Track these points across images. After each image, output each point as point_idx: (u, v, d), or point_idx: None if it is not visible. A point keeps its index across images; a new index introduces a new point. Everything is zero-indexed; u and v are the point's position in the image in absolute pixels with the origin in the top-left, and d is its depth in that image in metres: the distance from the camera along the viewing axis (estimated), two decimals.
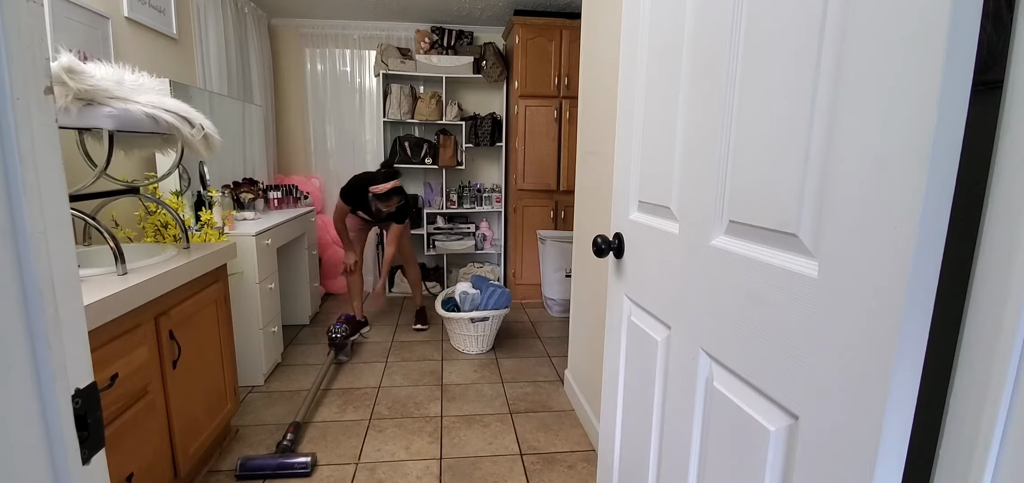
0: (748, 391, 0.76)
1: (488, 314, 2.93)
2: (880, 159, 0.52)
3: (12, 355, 0.40)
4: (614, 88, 1.77)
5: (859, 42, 0.55)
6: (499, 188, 4.34)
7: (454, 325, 2.97)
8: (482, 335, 2.99)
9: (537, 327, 3.48)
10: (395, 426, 2.19)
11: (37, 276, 0.41)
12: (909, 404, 0.52)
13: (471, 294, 3.04)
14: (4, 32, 0.39)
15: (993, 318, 0.48)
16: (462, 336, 2.99)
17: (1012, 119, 0.47)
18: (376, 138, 4.17)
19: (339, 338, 2.77)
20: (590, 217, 2.16)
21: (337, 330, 2.78)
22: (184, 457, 1.64)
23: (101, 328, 1.21)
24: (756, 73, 0.72)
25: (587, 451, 2.03)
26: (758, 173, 0.72)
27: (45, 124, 0.43)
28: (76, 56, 1.52)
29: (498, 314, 2.97)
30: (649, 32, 1.05)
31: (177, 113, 1.61)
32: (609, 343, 1.27)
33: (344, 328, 2.82)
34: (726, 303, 0.79)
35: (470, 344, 3.00)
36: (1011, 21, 0.48)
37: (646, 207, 1.07)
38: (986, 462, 0.49)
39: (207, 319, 1.82)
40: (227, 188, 2.88)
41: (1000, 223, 0.48)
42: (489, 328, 2.98)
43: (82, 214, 1.43)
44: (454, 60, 3.93)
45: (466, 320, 2.90)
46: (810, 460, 0.64)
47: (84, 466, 0.47)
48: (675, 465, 0.97)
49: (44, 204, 0.42)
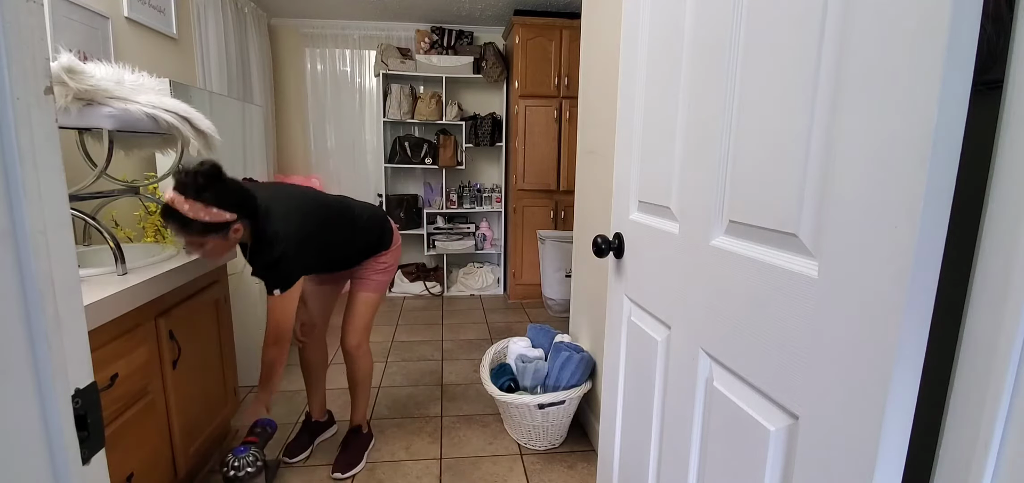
0: (748, 391, 0.76)
1: (563, 395, 1.93)
2: (880, 159, 0.52)
3: (12, 355, 0.40)
4: (614, 88, 1.77)
5: (859, 42, 0.55)
6: (499, 188, 4.34)
7: (513, 410, 1.98)
8: (552, 425, 1.99)
9: None
10: (395, 426, 2.19)
11: (37, 276, 0.41)
12: (909, 404, 0.52)
13: (532, 360, 2.09)
14: (4, 32, 0.39)
15: (993, 318, 0.48)
16: (524, 426, 2.00)
17: (1012, 119, 0.47)
18: (376, 138, 4.17)
19: (243, 476, 1.51)
20: (590, 217, 2.16)
21: (239, 458, 1.52)
22: (184, 457, 1.64)
23: (101, 328, 1.21)
24: (756, 73, 0.72)
25: (587, 451, 2.03)
26: (758, 173, 0.72)
27: (45, 124, 0.43)
28: (76, 56, 1.52)
29: (577, 393, 1.96)
30: (649, 32, 1.05)
31: (177, 113, 1.61)
32: (609, 343, 1.27)
33: (251, 453, 1.53)
34: (726, 303, 0.79)
35: (536, 437, 2.01)
36: (1011, 21, 0.48)
37: (646, 207, 1.07)
38: (986, 462, 0.49)
39: (207, 319, 1.82)
40: None
41: (1000, 223, 0.48)
42: (563, 414, 1.99)
43: (82, 214, 1.43)
44: (454, 60, 3.93)
45: (533, 407, 1.92)
46: (810, 460, 0.64)
47: (84, 466, 0.47)
48: (675, 465, 0.97)
49: (44, 204, 0.42)
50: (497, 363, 2.28)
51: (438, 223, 4.24)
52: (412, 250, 4.44)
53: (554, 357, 2.05)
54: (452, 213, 4.28)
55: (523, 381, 2.09)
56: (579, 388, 1.98)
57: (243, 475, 1.63)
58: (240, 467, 1.63)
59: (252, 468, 1.65)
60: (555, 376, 2.01)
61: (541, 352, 2.20)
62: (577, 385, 1.98)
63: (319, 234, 1.58)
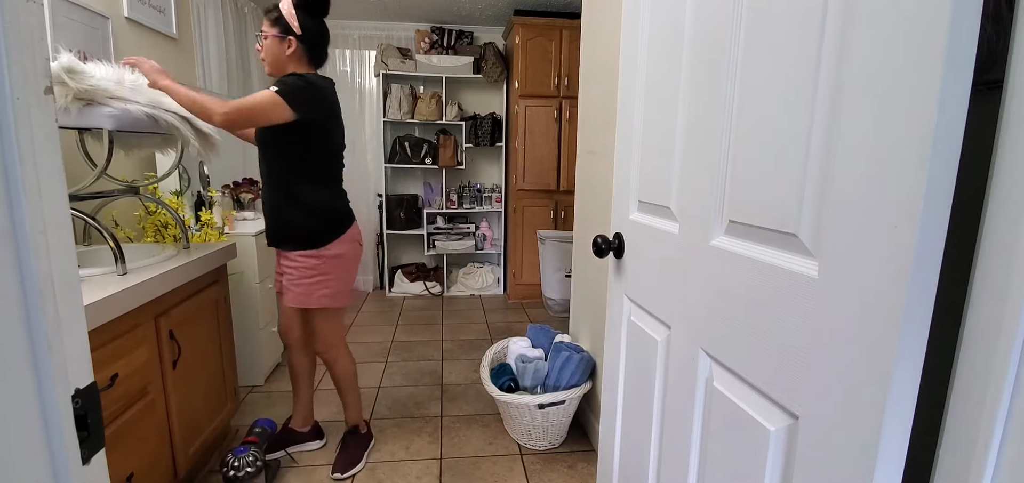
0: (748, 391, 0.76)
1: (563, 395, 1.94)
2: (880, 159, 0.52)
3: (12, 355, 0.40)
4: (614, 88, 1.77)
5: (859, 42, 0.55)
6: (499, 188, 4.34)
7: (513, 410, 2.00)
8: (552, 425, 2.00)
9: None
10: (395, 426, 2.19)
11: (37, 276, 0.41)
12: (909, 404, 0.52)
13: (532, 360, 2.10)
14: (4, 32, 0.39)
15: (993, 318, 0.48)
16: (524, 426, 2.02)
17: (1012, 119, 0.47)
18: (376, 138, 4.17)
19: (243, 476, 1.63)
20: (590, 217, 2.16)
21: (239, 458, 1.65)
22: (184, 457, 1.64)
23: (101, 328, 1.21)
24: (756, 73, 0.72)
25: (587, 451, 2.03)
26: (758, 173, 0.72)
27: (45, 124, 0.43)
28: (76, 56, 1.52)
29: (576, 393, 1.97)
30: (649, 32, 1.05)
31: (177, 113, 1.61)
32: (609, 343, 1.27)
33: (251, 453, 1.66)
34: (726, 303, 0.79)
35: (536, 437, 2.02)
36: (1011, 21, 0.48)
37: (646, 207, 1.07)
38: (986, 462, 0.49)
39: (207, 319, 1.81)
40: (227, 188, 2.88)
41: (1000, 223, 0.48)
42: (563, 414, 2.00)
43: (82, 214, 1.43)
44: (454, 60, 3.93)
45: (532, 406, 1.93)
46: (810, 460, 0.64)
47: (84, 466, 0.47)
48: (675, 465, 0.97)
49: (44, 204, 0.42)
50: (497, 363, 2.28)
51: (438, 223, 4.24)
52: (412, 250, 4.44)
53: (554, 357, 2.05)
54: (452, 213, 4.28)
55: (523, 381, 2.09)
56: (579, 388, 1.98)
57: (243, 475, 1.64)
58: (240, 467, 1.64)
59: (252, 468, 1.66)
60: (555, 376, 2.01)
61: (541, 352, 2.20)
62: (577, 385, 1.98)
63: (328, 120, 1.66)
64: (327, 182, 1.70)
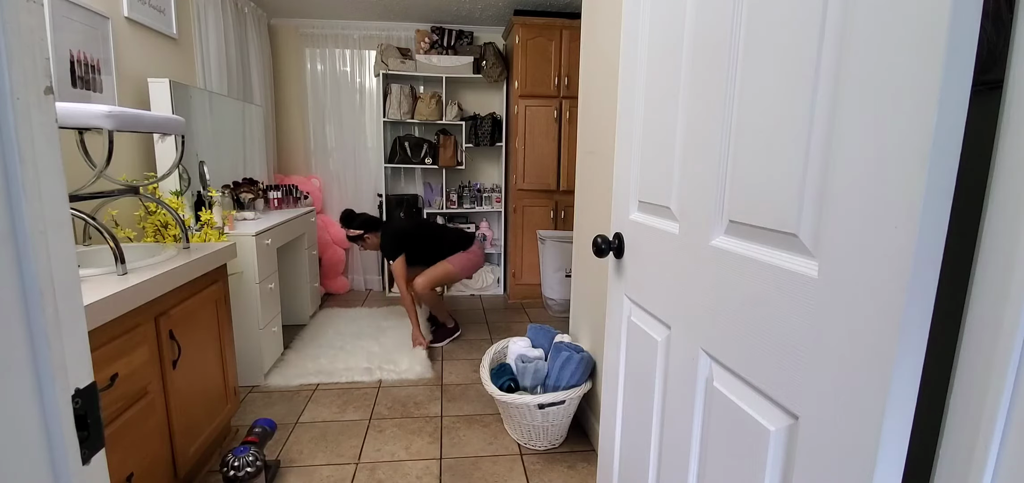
0: (748, 391, 0.76)
1: (563, 395, 1.93)
2: (880, 159, 0.52)
3: (12, 355, 0.40)
4: (614, 88, 1.77)
5: (859, 42, 0.55)
6: (499, 188, 4.34)
7: (513, 410, 1.99)
8: (552, 425, 2.00)
9: None
10: (395, 426, 2.19)
11: (37, 276, 0.41)
12: (909, 404, 0.52)
13: (532, 360, 2.09)
14: (4, 32, 0.39)
15: (993, 318, 0.48)
16: (524, 426, 2.01)
17: (1012, 119, 0.47)
18: (376, 138, 4.17)
19: (243, 475, 1.63)
20: (590, 217, 2.16)
21: (239, 458, 1.65)
22: (184, 457, 1.64)
23: (101, 328, 1.21)
24: (756, 72, 0.72)
25: (587, 451, 2.03)
26: (758, 173, 0.72)
27: (45, 124, 0.43)
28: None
29: (576, 393, 1.97)
30: (649, 32, 1.05)
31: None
32: (609, 343, 1.27)
33: (251, 453, 1.67)
34: (726, 303, 0.79)
35: (536, 437, 2.02)
36: (1011, 21, 0.48)
37: (646, 207, 1.07)
38: (986, 462, 0.49)
39: (207, 319, 1.82)
40: (227, 188, 2.88)
41: (1000, 223, 0.48)
42: (563, 414, 2.00)
43: (82, 214, 1.43)
44: (454, 60, 3.93)
45: (533, 406, 1.92)
46: (810, 460, 0.64)
47: (84, 466, 0.47)
48: (675, 465, 0.97)
49: (44, 204, 0.42)
50: (497, 363, 2.28)
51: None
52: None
53: (554, 357, 2.04)
54: (452, 213, 4.28)
55: (523, 381, 2.09)
56: (579, 388, 1.98)
57: (243, 475, 1.64)
58: (240, 467, 1.64)
59: (252, 468, 1.66)
60: (555, 376, 2.01)
61: (541, 352, 2.20)
62: (577, 385, 1.98)
63: (405, 241, 3.02)
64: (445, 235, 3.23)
